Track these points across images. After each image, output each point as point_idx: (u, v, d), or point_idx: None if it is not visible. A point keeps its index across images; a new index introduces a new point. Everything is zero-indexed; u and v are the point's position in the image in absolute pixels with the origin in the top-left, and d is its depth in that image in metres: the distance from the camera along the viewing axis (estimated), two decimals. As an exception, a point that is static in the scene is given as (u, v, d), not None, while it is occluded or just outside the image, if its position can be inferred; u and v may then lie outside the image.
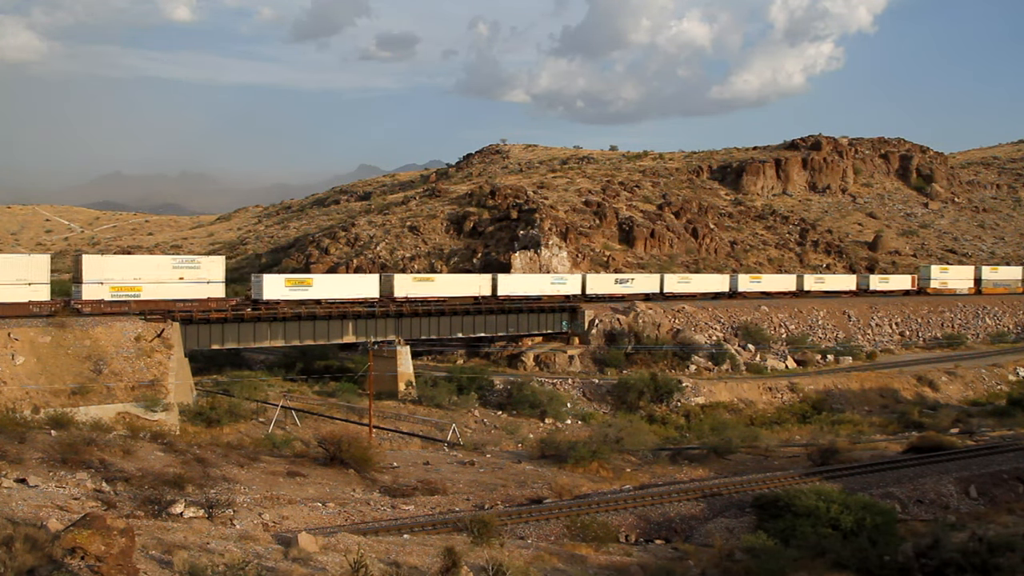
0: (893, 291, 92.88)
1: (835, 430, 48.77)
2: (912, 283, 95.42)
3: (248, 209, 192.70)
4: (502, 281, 69.41)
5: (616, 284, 76.98)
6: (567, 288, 73.06)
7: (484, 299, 66.86)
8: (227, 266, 60.09)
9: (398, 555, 17.78)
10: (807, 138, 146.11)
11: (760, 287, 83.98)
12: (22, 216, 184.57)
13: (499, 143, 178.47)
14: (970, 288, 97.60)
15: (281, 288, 58.49)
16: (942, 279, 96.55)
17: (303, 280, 61.55)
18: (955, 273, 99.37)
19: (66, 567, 10.67)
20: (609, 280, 76.96)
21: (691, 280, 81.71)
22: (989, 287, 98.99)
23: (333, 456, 34.66)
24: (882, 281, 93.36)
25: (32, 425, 31.89)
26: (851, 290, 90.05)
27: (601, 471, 38.25)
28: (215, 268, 55.05)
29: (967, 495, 31.68)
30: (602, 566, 20.51)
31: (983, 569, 18.68)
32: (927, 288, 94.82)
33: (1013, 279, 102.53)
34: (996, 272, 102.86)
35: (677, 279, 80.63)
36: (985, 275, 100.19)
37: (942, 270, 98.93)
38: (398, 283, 63.78)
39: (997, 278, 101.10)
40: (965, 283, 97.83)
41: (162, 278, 52.36)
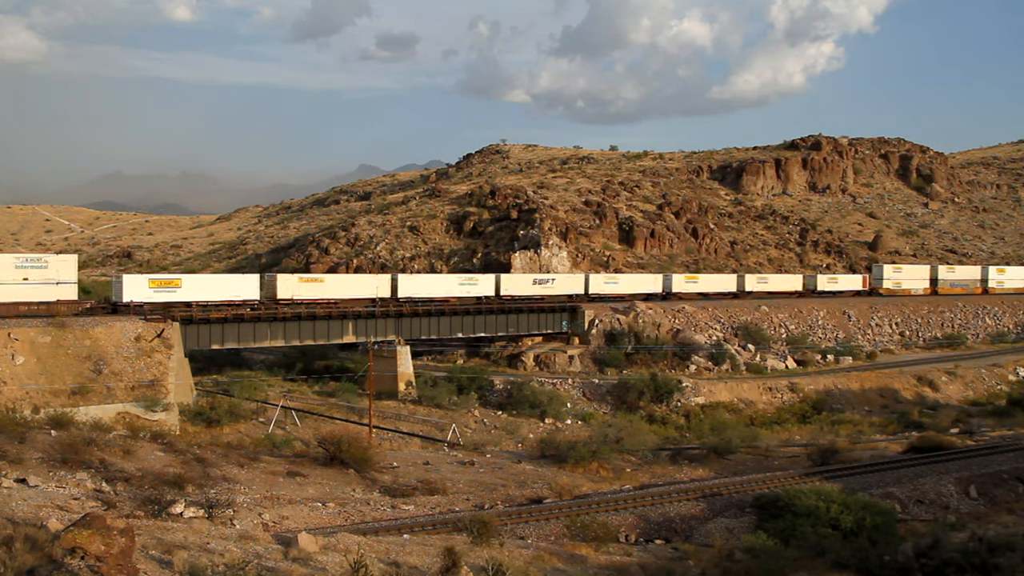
0: (843, 291, 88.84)
1: (835, 430, 48.77)
2: (863, 283, 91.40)
3: (248, 209, 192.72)
4: (403, 282, 63.42)
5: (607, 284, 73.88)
6: (478, 289, 66.46)
7: (384, 301, 60.68)
8: (227, 266, 59.61)
9: (398, 555, 17.78)
10: (807, 138, 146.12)
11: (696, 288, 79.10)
12: (22, 216, 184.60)
13: (499, 143, 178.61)
14: (925, 289, 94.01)
15: (144, 289, 52.87)
16: (896, 279, 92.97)
17: (170, 281, 55.41)
18: (910, 273, 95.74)
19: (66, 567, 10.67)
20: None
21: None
22: (945, 287, 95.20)
23: (333, 456, 34.69)
24: (830, 281, 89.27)
25: (32, 425, 31.90)
26: (796, 290, 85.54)
27: (601, 471, 38.27)
28: (65, 268, 50.49)
29: (967, 495, 31.68)
30: (602, 566, 20.51)
31: (983, 569, 18.69)
32: (879, 289, 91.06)
33: (971, 279, 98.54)
34: (953, 272, 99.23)
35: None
36: (941, 275, 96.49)
37: (895, 269, 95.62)
38: (282, 284, 58.17)
39: (954, 278, 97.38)
40: (921, 283, 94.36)
41: (4, 279, 48.03)
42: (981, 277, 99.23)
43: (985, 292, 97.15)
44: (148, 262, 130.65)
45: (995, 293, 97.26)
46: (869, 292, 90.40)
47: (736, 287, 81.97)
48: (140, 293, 52.48)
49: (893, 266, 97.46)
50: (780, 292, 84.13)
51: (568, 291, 71.40)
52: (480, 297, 65.98)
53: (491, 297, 66.43)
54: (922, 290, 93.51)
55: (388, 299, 61.46)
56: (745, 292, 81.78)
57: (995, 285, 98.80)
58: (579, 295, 71.43)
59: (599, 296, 72.43)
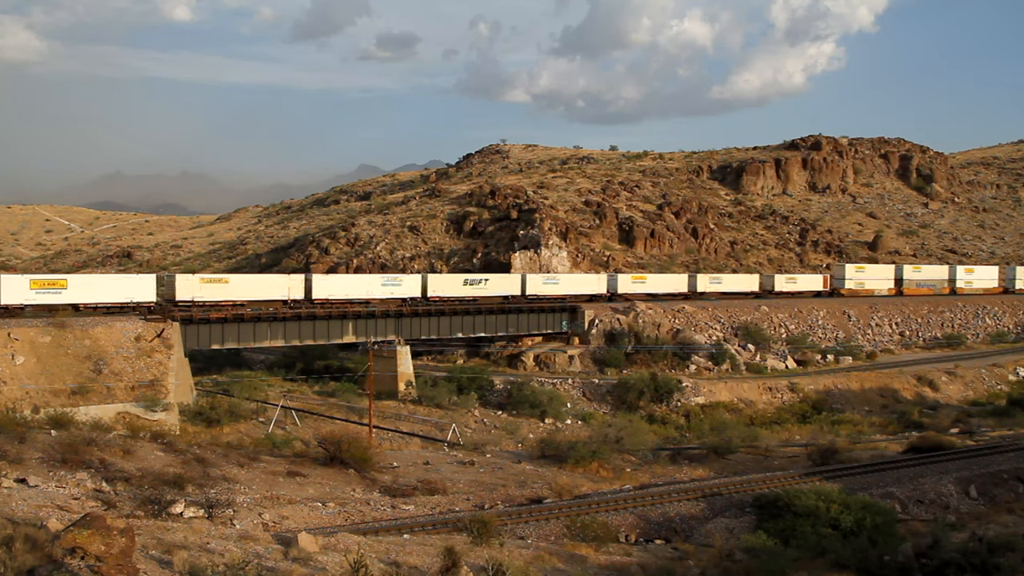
0: (802, 292, 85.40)
1: (835, 430, 48.75)
2: (824, 283, 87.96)
3: (248, 209, 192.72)
4: (318, 283, 59.44)
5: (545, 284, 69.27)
6: (403, 290, 62.86)
7: (296, 303, 57.54)
8: (227, 266, 59.51)
9: (398, 555, 17.78)
10: (807, 138, 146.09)
11: (644, 288, 75.17)
12: (22, 216, 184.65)
13: (499, 143, 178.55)
14: (890, 289, 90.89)
15: (25, 291, 48.72)
16: (858, 279, 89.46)
17: (54, 282, 51.14)
18: (873, 273, 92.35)
19: (66, 567, 10.67)
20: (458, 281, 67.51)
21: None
22: (912, 287, 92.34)
23: (333, 456, 34.70)
24: (789, 282, 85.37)
25: (32, 425, 31.92)
26: (752, 291, 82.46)
27: (601, 471, 38.26)
28: None
29: (967, 495, 31.69)
30: (602, 566, 20.51)
31: (983, 569, 18.68)
32: (840, 290, 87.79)
33: (939, 279, 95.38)
34: (919, 271, 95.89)
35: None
36: (907, 275, 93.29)
37: (858, 269, 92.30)
38: (181, 285, 54.31)
39: (920, 278, 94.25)
40: (885, 283, 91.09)
41: None
42: (949, 277, 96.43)
43: (953, 292, 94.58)
44: (148, 262, 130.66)
45: (963, 293, 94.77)
46: (830, 293, 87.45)
47: (687, 287, 78.50)
48: (20, 295, 48.53)
49: (855, 266, 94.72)
50: (735, 293, 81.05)
51: (502, 292, 67.43)
52: (404, 299, 62.01)
53: (417, 299, 62.55)
54: (886, 290, 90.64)
55: (301, 301, 57.81)
56: (697, 293, 78.30)
57: (963, 285, 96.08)
58: (514, 296, 67.58)
59: (537, 297, 68.36)
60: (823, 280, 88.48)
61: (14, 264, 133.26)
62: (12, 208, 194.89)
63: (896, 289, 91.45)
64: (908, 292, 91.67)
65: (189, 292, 54.52)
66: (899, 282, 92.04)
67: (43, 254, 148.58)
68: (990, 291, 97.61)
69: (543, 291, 68.93)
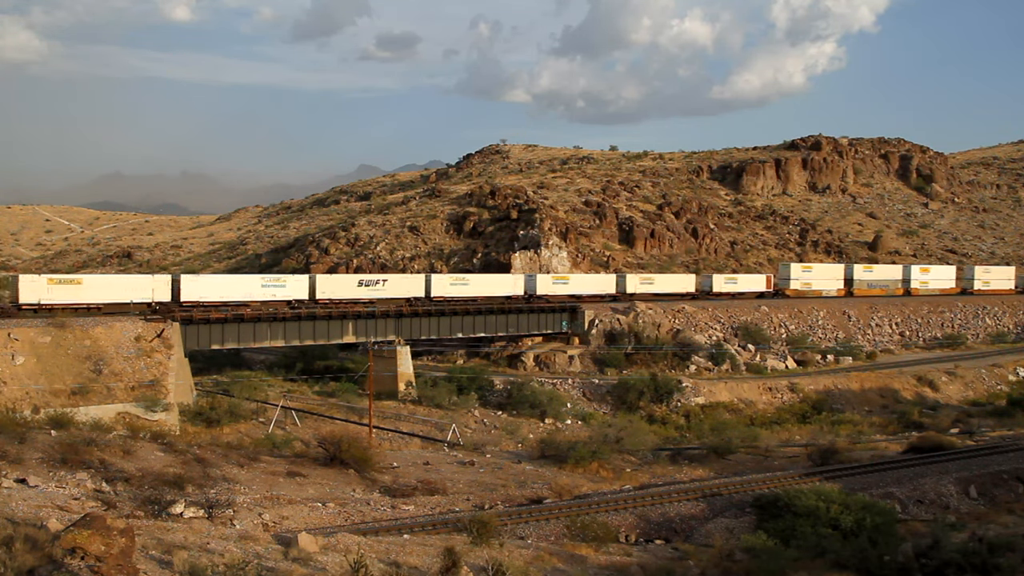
0: (743, 293, 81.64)
1: (835, 430, 48.76)
2: (767, 284, 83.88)
3: (248, 209, 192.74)
4: (188, 284, 54.58)
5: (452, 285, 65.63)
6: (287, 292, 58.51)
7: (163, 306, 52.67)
8: (227, 266, 59.24)
9: (398, 555, 17.79)
10: (807, 138, 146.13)
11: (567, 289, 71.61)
12: (22, 216, 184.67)
13: (499, 143, 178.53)
14: (839, 290, 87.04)
15: None
16: (805, 279, 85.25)
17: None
18: (821, 273, 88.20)
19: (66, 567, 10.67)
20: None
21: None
22: (862, 288, 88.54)
23: (333, 456, 34.70)
24: (728, 282, 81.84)
25: (32, 425, 31.90)
26: (688, 292, 78.40)
27: (601, 471, 38.27)
28: None
29: (967, 495, 31.68)
30: (602, 566, 20.50)
31: (983, 569, 18.69)
32: (785, 290, 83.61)
33: (891, 279, 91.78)
34: (871, 271, 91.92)
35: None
36: (857, 275, 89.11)
37: (804, 268, 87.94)
38: (26, 286, 50.23)
39: (872, 278, 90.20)
40: (834, 284, 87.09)
41: None
42: (903, 277, 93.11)
43: (907, 294, 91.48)
44: (148, 262, 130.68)
45: (918, 295, 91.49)
46: (774, 294, 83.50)
47: (616, 289, 74.52)
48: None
49: (801, 265, 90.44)
50: (668, 294, 76.60)
51: (403, 294, 63.13)
52: (290, 301, 57.68)
53: (304, 301, 58.41)
54: (835, 291, 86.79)
55: (169, 303, 53.34)
56: (627, 294, 74.11)
57: (918, 286, 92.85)
58: (417, 299, 63.59)
59: (444, 299, 64.35)
60: (766, 280, 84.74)
61: (14, 264, 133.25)
62: (12, 208, 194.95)
63: (846, 290, 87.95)
64: (858, 293, 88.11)
65: (35, 294, 49.89)
66: (849, 282, 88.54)
67: (43, 254, 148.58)
68: (946, 292, 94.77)
69: (450, 293, 65.32)
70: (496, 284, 69.49)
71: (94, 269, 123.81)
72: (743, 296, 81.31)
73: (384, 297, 62.13)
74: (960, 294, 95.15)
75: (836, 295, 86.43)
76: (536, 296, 69.45)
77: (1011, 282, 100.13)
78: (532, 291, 69.67)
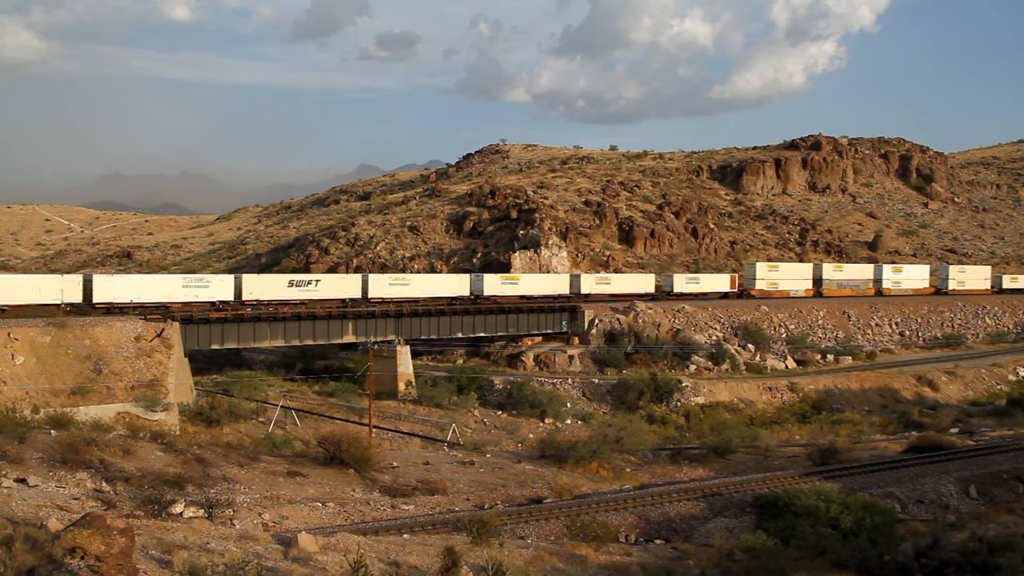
0: (706, 293, 79.18)
1: (835, 430, 48.75)
2: (731, 284, 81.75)
3: (248, 209, 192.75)
4: (100, 284, 51.76)
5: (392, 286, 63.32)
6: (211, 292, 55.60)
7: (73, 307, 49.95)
8: (227, 266, 59.10)
9: (398, 555, 17.78)
10: (807, 138, 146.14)
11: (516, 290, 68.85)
12: (22, 216, 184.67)
13: (499, 143, 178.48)
14: (808, 290, 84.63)
15: None
16: (771, 279, 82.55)
17: None
18: (789, 272, 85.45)
19: (66, 567, 10.67)
20: None
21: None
22: (832, 288, 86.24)
23: (333, 456, 34.69)
24: (690, 282, 78.83)
25: (32, 425, 31.89)
26: (648, 293, 75.68)
27: (601, 471, 38.26)
28: None
29: (967, 495, 31.68)
30: (602, 566, 20.50)
31: (983, 569, 18.70)
32: (751, 291, 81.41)
33: (862, 279, 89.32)
34: (841, 271, 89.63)
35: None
36: (827, 274, 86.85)
37: (770, 268, 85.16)
38: None
39: (842, 278, 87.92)
40: (802, 284, 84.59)
41: None
42: (874, 277, 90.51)
43: (879, 294, 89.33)
44: (148, 262, 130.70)
45: (890, 295, 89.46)
46: (739, 294, 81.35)
47: (569, 289, 71.95)
48: None
49: (768, 264, 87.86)
50: (626, 295, 73.74)
51: (338, 295, 60.59)
52: (214, 303, 55.06)
53: (229, 303, 55.74)
54: (803, 291, 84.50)
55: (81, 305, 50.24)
56: (581, 295, 71.70)
57: (890, 286, 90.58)
58: (354, 300, 60.97)
59: (381, 300, 61.77)
60: (730, 280, 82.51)
61: (14, 264, 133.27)
62: (12, 208, 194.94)
63: (815, 290, 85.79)
64: (828, 293, 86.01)
65: None
66: (818, 282, 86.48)
67: (43, 254, 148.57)
68: (920, 292, 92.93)
69: (390, 293, 62.70)
70: (439, 284, 66.90)
71: (94, 269, 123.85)
72: (706, 296, 78.92)
73: (317, 298, 59.27)
74: (934, 294, 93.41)
75: (804, 295, 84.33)
76: (483, 297, 66.41)
77: (987, 282, 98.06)
78: (479, 292, 66.71)
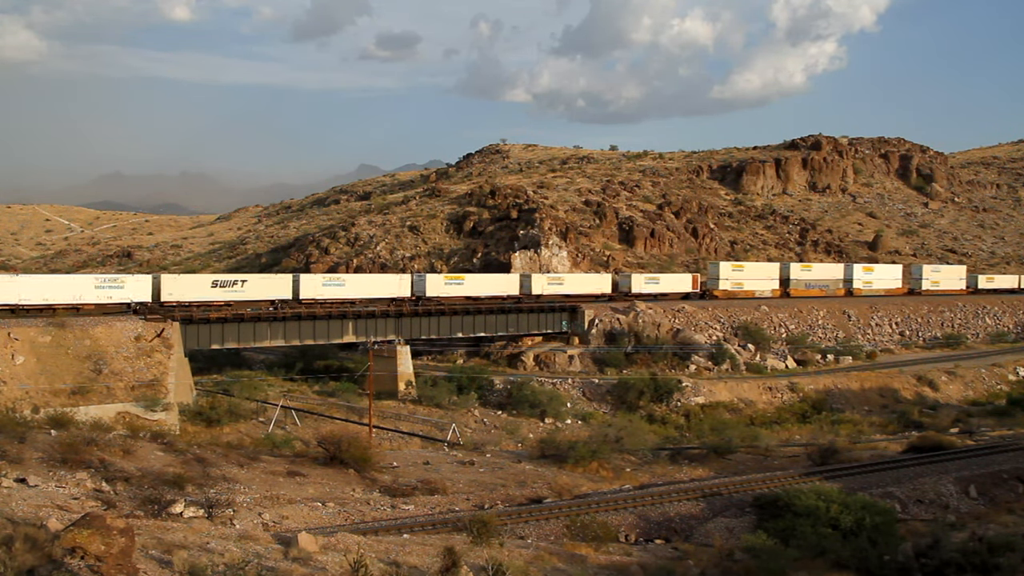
0: (666, 294, 76.24)
1: (835, 430, 48.77)
2: (693, 284, 79.10)
3: (248, 209, 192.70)
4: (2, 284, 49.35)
5: None
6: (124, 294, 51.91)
7: None
8: (227, 266, 59.00)
9: (398, 555, 17.78)
10: (807, 138, 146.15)
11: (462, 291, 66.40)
12: (22, 216, 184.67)
13: (499, 143, 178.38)
14: (774, 291, 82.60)
15: None
16: (736, 279, 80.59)
17: None
18: (754, 272, 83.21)
19: (66, 567, 10.67)
20: None
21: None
22: (799, 288, 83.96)
23: (333, 456, 34.69)
24: (649, 282, 75.88)
25: (32, 425, 31.91)
26: (605, 293, 73.59)
27: (601, 471, 38.27)
28: None
29: (967, 495, 31.68)
30: (602, 566, 20.50)
31: (983, 569, 18.70)
32: (714, 291, 79.55)
33: (832, 279, 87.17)
34: (809, 271, 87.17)
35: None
36: (794, 274, 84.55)
37: (735, 267, 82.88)
38: None
39: (810, 278, 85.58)
40: (768, 284, 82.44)
41: None
42: (844, 277, 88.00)
43: (849, 294, 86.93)
44: (148, 262, 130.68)
45: (861, 295, 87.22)
46: (701, 295, 79.07)
47: (519, 290, 69.27)
48: None
49: (732, 264, 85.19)
50: (578, 295, 71.54)
51: (266, 296, 57.57)
52: (129, 304, 51.77)
53: (147, 304, 52.42)
54: (770, 292, 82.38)
55: None
56: (532, 295, 68.96)
57: (861, 286, 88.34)
58: (284, 301, 58.39)
59: (313, 301, 59.27)
60: (692, 280, 79.81)
61: (14, 264, 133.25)
62: (12, 208, 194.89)
63: (782, 290, 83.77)
64: (795, 294, 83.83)
65: None
66: (785, 282, 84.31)
67: (43, 254, 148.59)
68: (892, 292, 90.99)
69: (323, 295, 60.36)
70: (378, 285, 63.99)
71: (94, 269, 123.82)
72: (666, 297, 75.89)
73: (244, 300, 56.15)
74: (908, 294, 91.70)
75: (771, 296, 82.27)
76: (425, 299, 63.90)
77: (962, 282, 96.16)
78: (421, 293, 64.02)
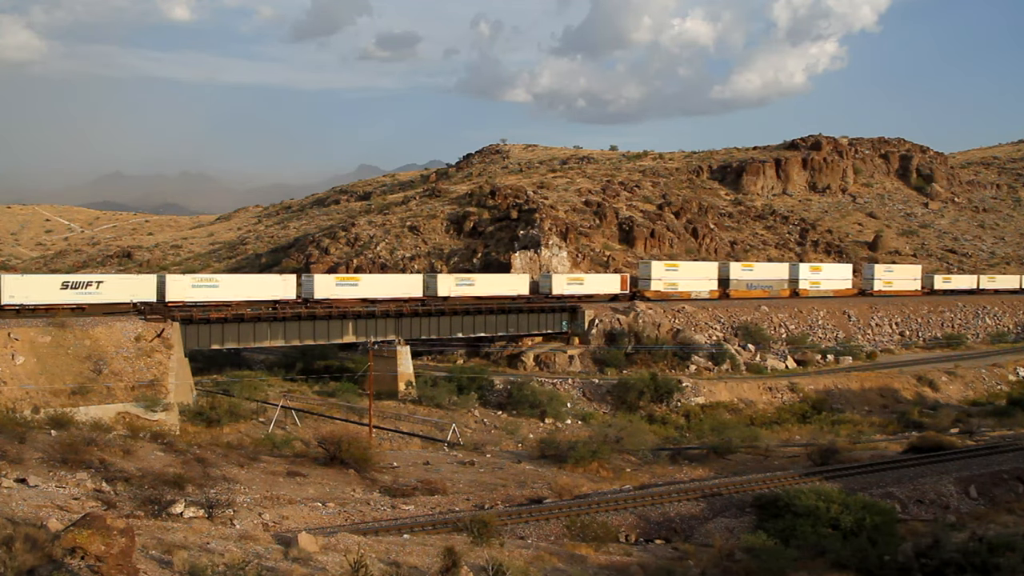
0: (592, 296, 72.63)
1: (835, 430, 48.78)
2: (622, 285, 74.98)
3: (248, 209, 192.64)
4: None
5: None
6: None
7: None
8: (227, 266, 59.00)
9: (398, 555, 17.78)
10: (807, 138, 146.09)
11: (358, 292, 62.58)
12: (22, 216, 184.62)
13: (499, 143, 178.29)
14: (712, 291, 79.13)
15: None
16: (668, 279, 76.49)
17: None
18: (689, 272, 79.10)
19: (66, 567, 10.66)
20: None
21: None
22: (740, 289, 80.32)
23: (333, 456, 34.72)
24: (572, 283, 72.39)
25: (32, 425, 31.93)
26: (522, 295, 70.52)
27: (601, 471, 38.29)
28: None
29: (967, 495, 31.69)
30: (602, 566, 20.50)
31: (983, 569, 18.70)
32: (644, 291, 74.96)
33: (776, 279, 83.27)
34: (751, 270, 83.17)
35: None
36: (734, 274, 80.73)
37: (668, 267, 78.30)
38: None
39: (752, 278, 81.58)
40: (705, 285, 78.99)
41: None
42: (789, 277, 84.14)
43: (795, 295, 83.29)
44: (148, 262, 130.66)
45: (807, 296, 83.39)
46: (631, 296, 74.41)
47: (424, 291, 65.78)
48: None
49: (665, 263, 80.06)
50: (492, 297, 68.24)
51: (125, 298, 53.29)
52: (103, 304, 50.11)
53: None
54: (707, 293, 78.93)
55: None
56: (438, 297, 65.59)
57: (807, 287, 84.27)
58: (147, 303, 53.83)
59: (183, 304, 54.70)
60: (620, 281, 75.56)
61: (14, 264, 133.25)
62: (12, 208, 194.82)
63: (721, 291, 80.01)
64: (735, 295, 79.99)
65: None
66: (724, 283, 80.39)
67: (43, 254, 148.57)
68: (840, 293, 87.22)
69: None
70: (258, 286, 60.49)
71: (94, 269, 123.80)
72: (591, 299, 72.03)
73: (100, 303, 51.69)
74: (859, 295, 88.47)
75: (709, 297, 79.03)
76: (313, 301, 60.51)
77: (916, 282, 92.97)
78: (309, 295, 60.93)
